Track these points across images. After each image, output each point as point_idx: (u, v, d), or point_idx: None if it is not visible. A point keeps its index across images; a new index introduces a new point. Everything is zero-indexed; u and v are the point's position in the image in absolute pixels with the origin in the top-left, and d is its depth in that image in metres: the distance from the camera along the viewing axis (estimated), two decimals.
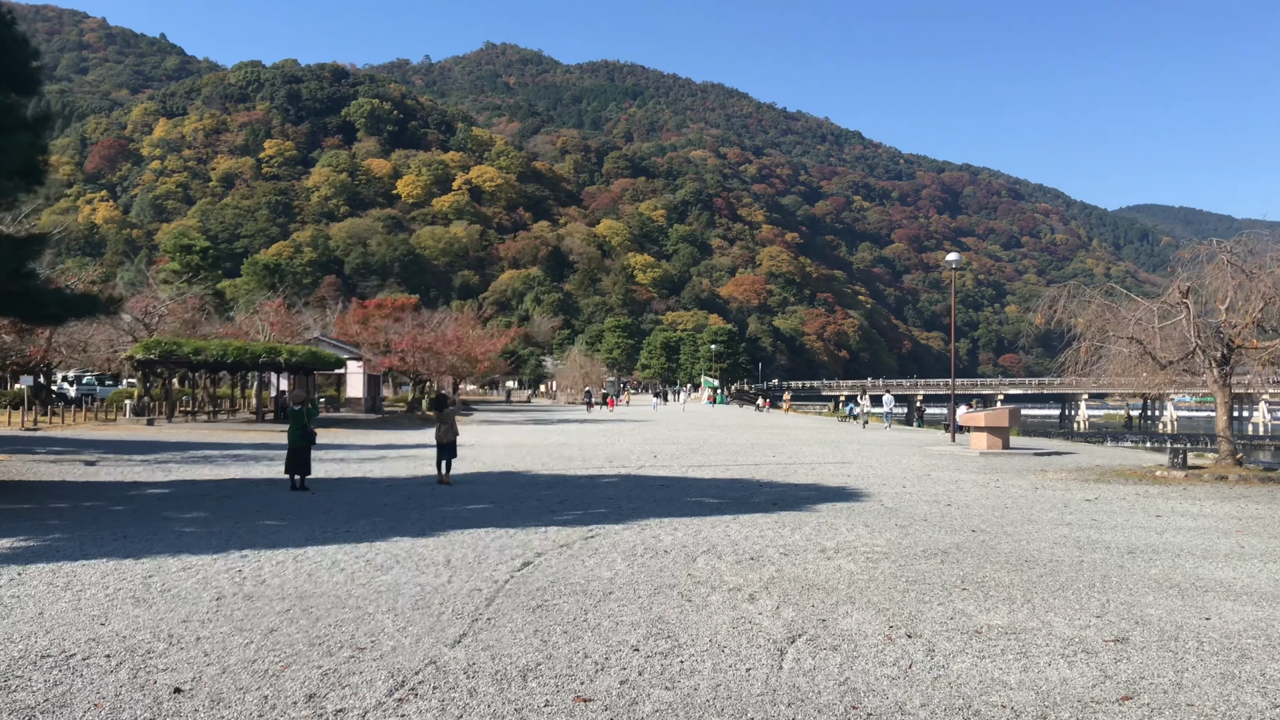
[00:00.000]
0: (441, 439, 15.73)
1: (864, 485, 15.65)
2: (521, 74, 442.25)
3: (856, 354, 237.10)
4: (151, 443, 24.47)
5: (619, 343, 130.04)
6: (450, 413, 15.98)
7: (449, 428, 15.75)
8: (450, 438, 15.74)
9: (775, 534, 10.20)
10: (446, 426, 15.74)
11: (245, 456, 20.71)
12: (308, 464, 14.81)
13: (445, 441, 15.70)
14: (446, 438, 15.70)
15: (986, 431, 23.68)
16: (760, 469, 18.70)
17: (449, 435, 15.72)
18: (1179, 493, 14.81)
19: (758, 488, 15.19)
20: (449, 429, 15.74)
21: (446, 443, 15.72)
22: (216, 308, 52.28)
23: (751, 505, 12.86)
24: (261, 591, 7.23)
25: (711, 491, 14.66)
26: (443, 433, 15.74)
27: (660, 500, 13.40)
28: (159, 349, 31.47)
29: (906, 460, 21.35)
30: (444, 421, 15.80)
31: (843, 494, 14.32)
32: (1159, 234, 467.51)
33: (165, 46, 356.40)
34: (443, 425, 15.78)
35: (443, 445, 15.73)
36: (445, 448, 15.73)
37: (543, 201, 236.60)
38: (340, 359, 39.55)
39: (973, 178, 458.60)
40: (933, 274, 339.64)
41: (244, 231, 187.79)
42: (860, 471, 18.29)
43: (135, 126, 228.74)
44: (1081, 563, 8.63)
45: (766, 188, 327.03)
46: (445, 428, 15.74)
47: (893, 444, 27.65)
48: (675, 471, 18.12)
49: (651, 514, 11.86)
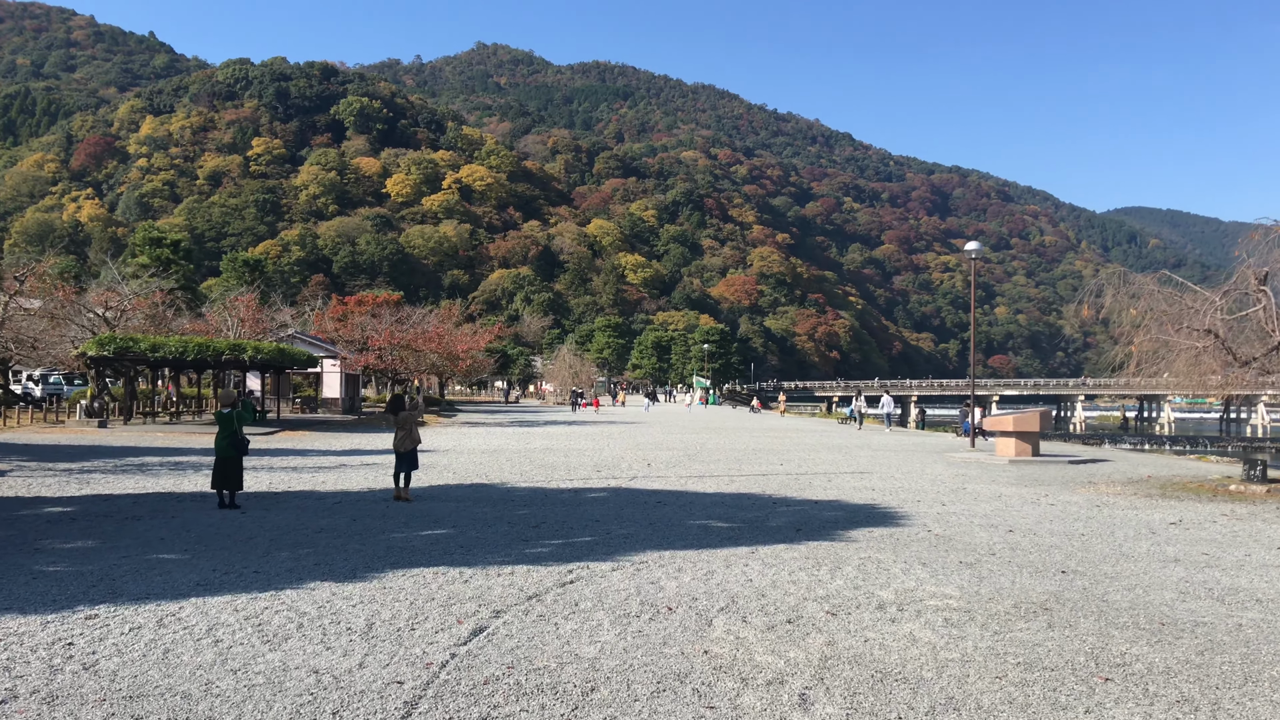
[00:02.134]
0: (399, 447, 13.38)
1: (895, 502, 13.36)
2: (513, 74, 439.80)
3: (847, 355, 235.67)
4: (91, 448, 22.04)
5: (609, 342, 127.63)
6: (409, 416, 13.58)
7: (407, 434, 13.39)
8: (409, 446, 13.39)
9: (810, 577, 7.89)
10: (404, 433, 13.39)
11: (186, 465, 18.31)
12: (239, 477, 12.44)
13: (403, 450, 13.35)
14: (404, 445, 13.35)
15: (1015, 437, 21.43)
16: (770, 480, 16.40)
17: (407, 443, 13.37)
18: (1276, 513, 12.56)
19: (772, 506, 12.89)
20: (407, 435, 13.38)
21: (405, 452, 13.37)
22: (189, 303, 49.79)
23: (770, 531, 10.55)
24: (76, 686, 4.90)
25: (718, 511, 12.34)
26: (400, 439, 13.39)
27: (657, 523, 11.08)
28: (113, 345, 29.00)
29: (930, 469, 19.10)
30: (401, 426, 13.44)
31: (875, 515, 12.02)
32: (1147, 236, 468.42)
33: (154, 45, 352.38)
34: (400, 431, 13.42)
35: (401, 455, 13.38)
36: (404, 458, 13.38)
37: (533, 201, 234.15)
38: (313, 357, 37.10)
39: (962, 179, 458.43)
40: (922, 275, 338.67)
41: (231, 230, 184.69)
42: (884, 484, 16.00)
43: (122, 124, 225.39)
44: (1240, 627, 6.34)
45: (757, 189, 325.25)
46: (403, 434, 13.38)
47: (906, 449, 25.42)
48: (672, 483, 15.81)
49: (648, 544, 9.55)
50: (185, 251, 49.85)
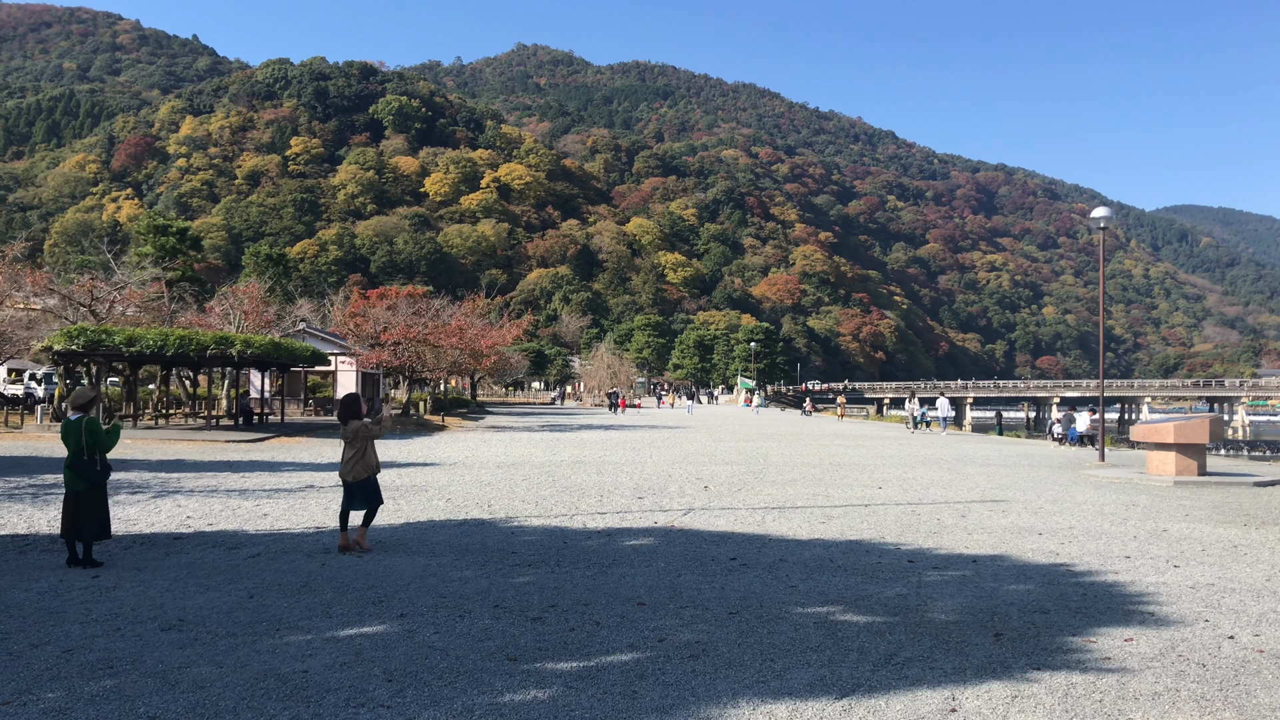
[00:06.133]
0: (346, 475, 9.06)
1: (1094, 561, 8.80)
2: (552, 75, 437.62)
3: (893, 355, 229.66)
4: (21, 459, 18.15)
5: (650, 341, 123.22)
6: (364, 429, 9.19)
7: (359, 456, 9.02)
8: (363, 474, 9.04)
9: None
10: (355, 453, 9.00)
11: (120, 485, 14.23)
12: (97, 521, 8.18)
13: (353, 481, 9.03)
14: (355, 473, 9.00)
15: (1175, 451, 16.66)
16: (879, 516, 11.88)
17: (359, 469, 9.01)
18: None
19: (913, 568, 8.38)
20: (359, 458, 9.02)
21: (356, 483, 9.06)
22: (197, 297, 46.29)
23: (943, 635, 6.09)
24: None
25: (835, 582, 7.86)
26: (350, 464, 9.03)
27: (743, 612, 6.67)
28: (83, 338, 25.22)
29: (1077, 493, 14.43)
30: (352, 444, 9.06)
31: (1094, 593, 7.47)
32: (1198, 234, 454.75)
33: (197, 48, 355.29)
34: (349, 450, 9.08)
35: (351, 486, 9.06)
36: (356, 491, 9.05)
37: (572, 200, 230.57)
38: (319, 353, 33.16)
39: (1008, 177, 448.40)
40: (968, 275, 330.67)
41: (269, 229, 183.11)
42: (1043, 523, 11.40)
43: (162, 125, 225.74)
44: None
45: (799, 187, 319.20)
46: (353, 455, 9.02)
47: (1015, 462, 20.72)
48: (745, 520, 11.36)
49: (740, 677, 5.16)
50: (193, 241, 46.25)
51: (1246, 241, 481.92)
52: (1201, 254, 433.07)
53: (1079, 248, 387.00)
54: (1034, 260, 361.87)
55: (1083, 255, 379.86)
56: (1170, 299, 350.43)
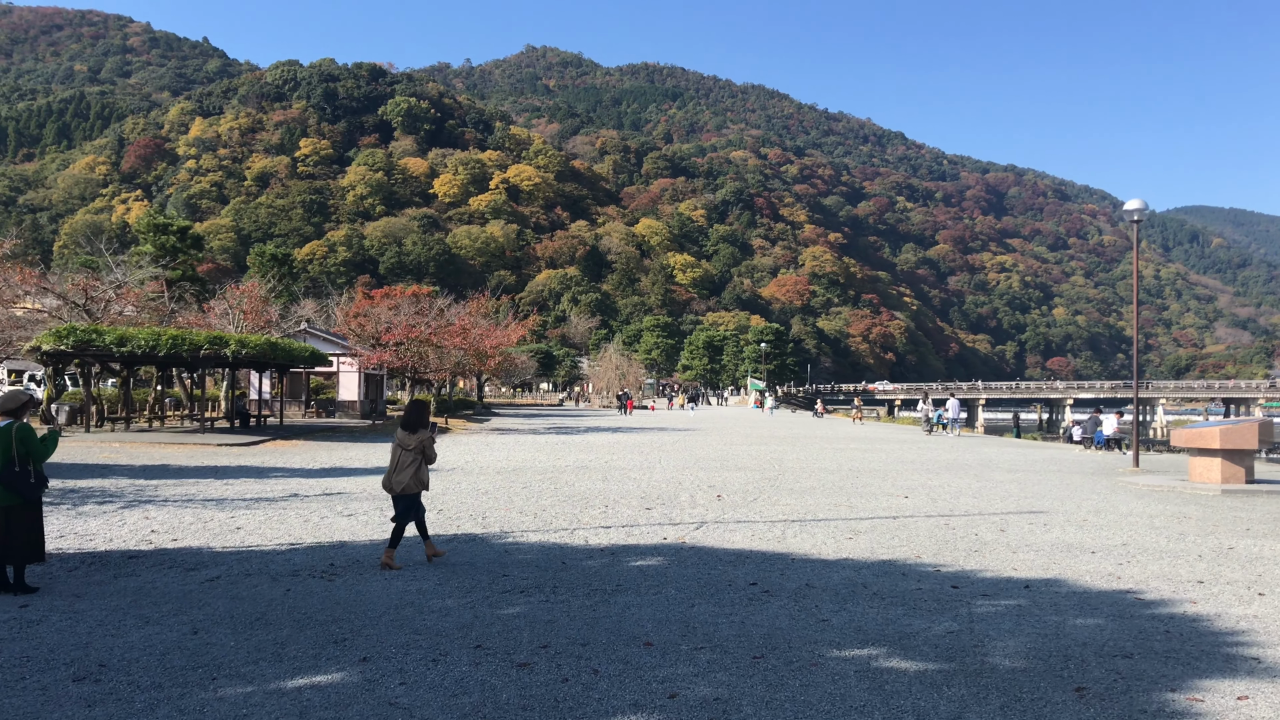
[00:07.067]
0: (408, 487, 8.28)
1: (1164, 587, 7.75)
2: (561, 76, 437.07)
3: (903, 356, 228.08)
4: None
5: (659, 342, 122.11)
6: (430, 440, 8.43)
7: (415, 467, 8.28)
8: (415, 488, 8.29)
9: None
10: (412, 463, 8.27)
11: (92, 494, 13.31)
12: (30, 542, 7.19)
13: (411, 494, 8.29)
14: (413, 486, 8.28)
15: (1221, 457, 15.56)
16: (910, 530, 10.84)
17: (413, 483, 8.26)
18: None
19: (958, 595, 7.35)
20: (414, 470, 8.27)
21: (405, 495, 8.27)
22: (198, 296, 45.47)
23: (1013, 687, 5.06)
24: None
25: (871, 615, 6.83)
26: (406, 474, 8.25)
27: (770, 654, 5.67)
28: (72, 338, 24.36)
29: (1118, 503, 13.34)
30: (410, 451, 8.31)
31: (1176, 629, 6.43)
32: (1209, 235, 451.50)
33: (207, 50, 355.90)
34: (405, 457, 8.29)
35: (402, 500, 8.29)
36: (410, 503, 8.32)
37: (581, 201, 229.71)
38: (319, 353, 32.22)
39: (1018, 178, 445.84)
40: (978, 276, 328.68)
41: (278, 230, 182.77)
42: (1090, 538, 10.34)
43: (172, 126, 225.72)
44: None
45: (808, 188, 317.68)
46: (410, 464, 8.27)
47: (1042, 468, 19.62)
48: (764, 535, 10.34)
49: None
50: (194, 240, 45.42)
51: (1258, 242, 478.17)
52: (1213, 255, 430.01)
53: (1089, 249, 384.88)
54: (1044, 261, 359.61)
55: (1093, 256, 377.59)
56: (1181, 300, 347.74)
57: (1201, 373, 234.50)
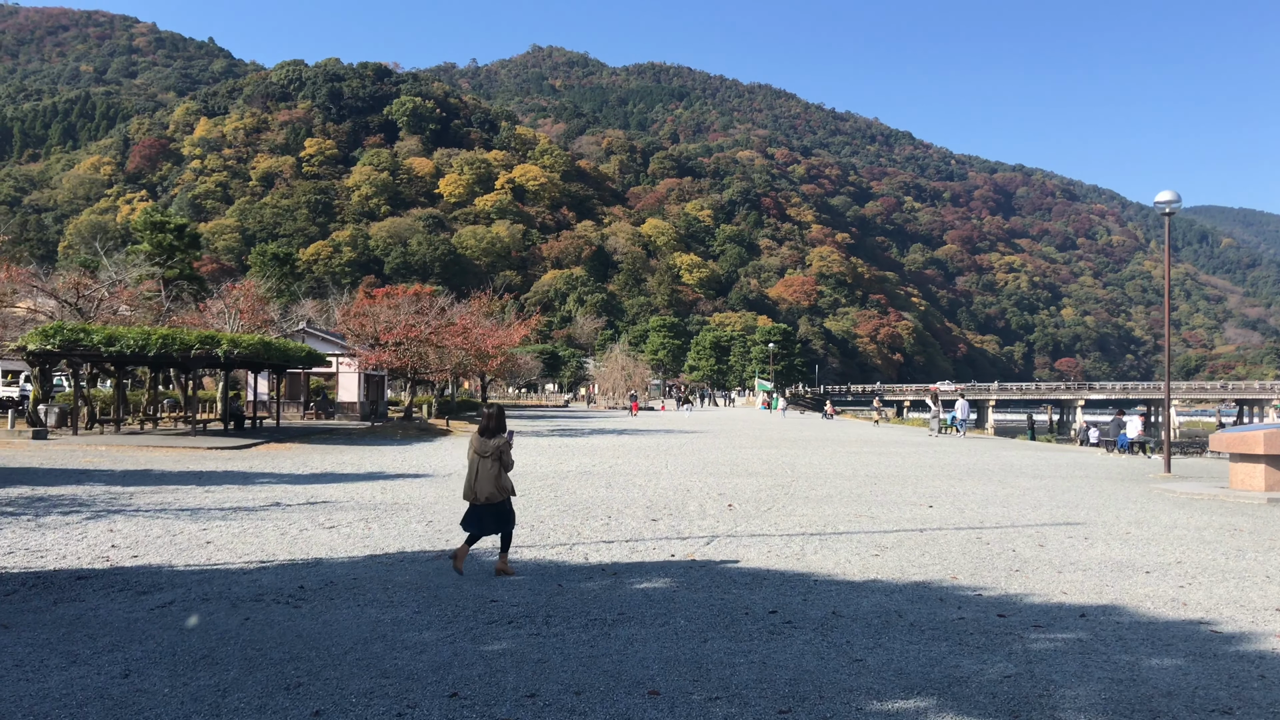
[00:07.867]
0: (495, 494, 7.79)
1: (1243, 618, 6.85)
2: (567, 76, 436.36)
3: (911, 357, 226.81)
4: None
5: (665, 343, 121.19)
6: (508, 445, 7.85)
7: (496, 473, 7.76)
8: (500, 497, 7.82)
9: None
10: (491, 469, 7.72)
11: (59, 503, 12.49)
12: None
13: (485, 502, 7.82)
14: (497, 493, 7.79)
15: (1265, 463, 14.63)
16: (940, 545, 9.94)
17: (495, 491, 7.76)
18: None
19: (1009, 628, 6.45)
20: (495, 477, 7.75)
21: (490, 505, 7.84)
22: (195, 295, 44.77)
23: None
24: None
25: (912, 653, 5.93)
26: (486, 478, 7.73)
27: (798, 711, 4.80)
28: (59, 337, 23.60)
29: (1158, 513, 12.43)
30: (487, 457, 7.76)
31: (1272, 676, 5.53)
32: (1219, 235, 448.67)
33: (213, 50, 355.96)
34: (485, 465, 7.73)
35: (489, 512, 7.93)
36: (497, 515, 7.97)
37: (587, 201, 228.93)
38: (316, 353, 31.42)
39: (1026, 178, 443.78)
40: (986, 276, 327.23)
41: (282, 230, 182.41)
42: (1138, 555, 9.43)
43: (177, 126, 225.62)
44: None
45: (815, 188, 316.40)
46: (491, 471, 7.73)
47: (1067, 473, 18.70)
48: (780, 552, 9.45)
49: None
50: (192, 238, 44.72)
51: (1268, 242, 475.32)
52: (1222, 255, 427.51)
53: (1098, 248, 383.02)
54: (1052, 261, 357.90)
55: (1101, 256, 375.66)
56: (1191, 300, 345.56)
57: (1211, 373, 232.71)
